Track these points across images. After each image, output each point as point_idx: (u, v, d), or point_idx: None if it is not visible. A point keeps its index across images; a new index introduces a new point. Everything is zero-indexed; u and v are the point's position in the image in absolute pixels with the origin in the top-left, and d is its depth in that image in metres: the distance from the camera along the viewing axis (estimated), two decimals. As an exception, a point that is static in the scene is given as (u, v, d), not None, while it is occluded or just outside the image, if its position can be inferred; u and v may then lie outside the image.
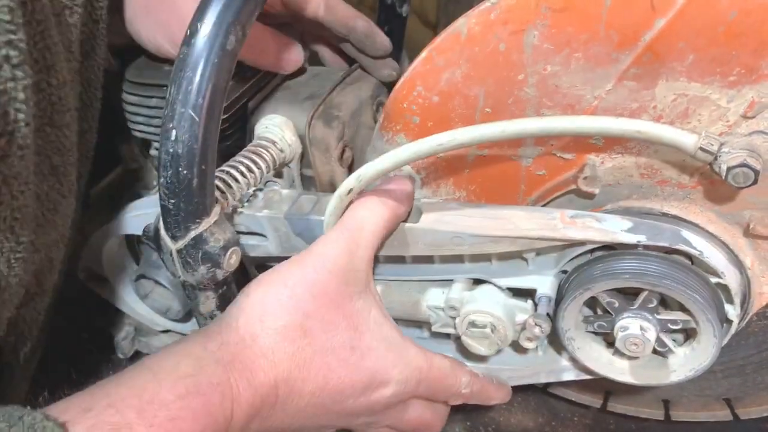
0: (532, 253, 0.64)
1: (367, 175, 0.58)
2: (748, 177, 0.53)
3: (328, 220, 0.61)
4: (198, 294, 0.62)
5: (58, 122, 0.58)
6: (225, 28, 0.52)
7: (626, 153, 0.62)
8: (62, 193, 0.61)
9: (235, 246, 0.59)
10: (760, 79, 0.54)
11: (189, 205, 0.55)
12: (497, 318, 0.65)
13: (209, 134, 0.54)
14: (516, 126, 0.54)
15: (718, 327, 0.59)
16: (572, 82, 0.59)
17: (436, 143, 0.55)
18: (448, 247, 0.63)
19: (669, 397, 0.83)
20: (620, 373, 0.67)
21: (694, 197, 0.62)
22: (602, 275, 0.61)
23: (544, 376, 0.73)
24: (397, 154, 0.57)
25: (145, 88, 0.76)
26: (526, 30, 0.58)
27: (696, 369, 0.63)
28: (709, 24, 0.53)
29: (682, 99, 0.57)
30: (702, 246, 0.59)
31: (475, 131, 0.55)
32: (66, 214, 0.62)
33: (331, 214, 0.61)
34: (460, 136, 0.55)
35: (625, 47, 0.56)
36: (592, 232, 0.60)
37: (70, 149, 0.60)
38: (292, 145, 0.71)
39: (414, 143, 0.56)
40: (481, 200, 0.71)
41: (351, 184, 0.59)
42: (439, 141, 0.55)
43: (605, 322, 0.64)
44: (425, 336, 0.78)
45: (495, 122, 0.54)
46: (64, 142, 0.59)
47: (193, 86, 0.52)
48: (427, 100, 0.65)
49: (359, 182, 0.58)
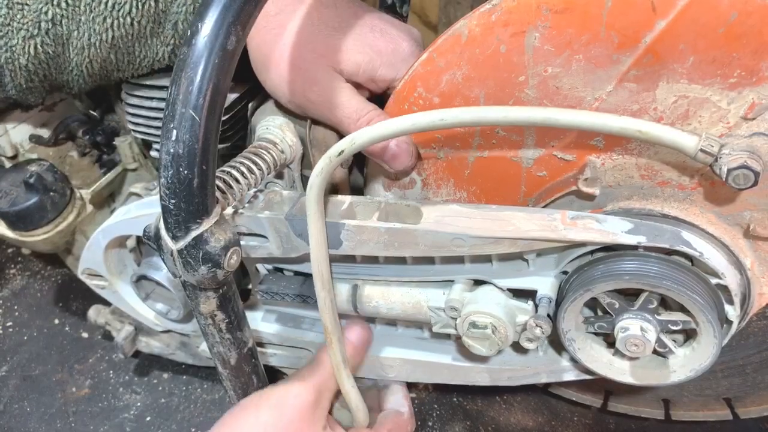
0: (533, 254, 0.64)
1: (361, 140, 0.58)
2: (748, 179, 0.53)
3: (314, 180, 0.61)
4: (198, 294, 0.62)
5: None
6: (226, 29, 0.52)
7: (627, 154, 0.62)
8: None
9: (235, 246, 0.59)
10: (760, 81, 0.54)
11: (190, 206, 0.55)
12: (498, 319, 0.65)
13: (210, 134, 0.54)
14: (519, 112, 0.54)
15: (718, 328, 0.59)
16: (573, 84, 0.59)
17: (438, 117, 0.55)
18: (448, 248, 0.63)
19: (669, 396, 0.84)
20: (620, 373, 0.67)
21: (695, 198, 0.62)
22: (603, 276, 0.61)
23: (545, 376, 0.73)
24: (395, 123, 0.56)
25: (145, 89, 0.76)
26: (526, 32, 0.58)
27: (696, 369, 0.63)
28: (709, 25, 0.53)
29: (682, 101, 0.57)
30: (702, 247, 0.60)
31: (477, 112, 0.54)
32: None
33: (317, 174, 0.60)
34: (462, 114, 0.55)
35: (626, 49, 0.56)
36: (592, 233, 0.60)
37: None
38: (293, 146, 0.71)
39: (413, 114, 0.56)
40: (482, 201, 0.71)
41: (343, 146, 0.58)
42: (441, 116, 0.55)
43: (606, 323, 0.65)
44: (426, 336, 0.78)
45: (498, 106, 0.54)
46: None
47: (194, 86, 0.52)
48: (427, 101, 0.65)
49: (352, 145, 0.58)
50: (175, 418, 1.01)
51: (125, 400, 1.04)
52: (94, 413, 1.01)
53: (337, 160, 0.59)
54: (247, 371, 0.70)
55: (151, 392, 1.05)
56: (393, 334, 0.80)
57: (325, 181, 0.61)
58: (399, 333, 0.80)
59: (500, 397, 1.00)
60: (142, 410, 1.02)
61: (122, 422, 1.00)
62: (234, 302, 0.65)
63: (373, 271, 0.72)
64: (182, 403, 1.03)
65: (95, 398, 1.04)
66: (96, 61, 0.69)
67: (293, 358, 0.84)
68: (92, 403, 1.03)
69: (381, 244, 0.65)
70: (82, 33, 0.66)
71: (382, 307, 0.72)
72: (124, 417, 1.01)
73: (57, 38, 0.66)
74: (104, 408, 1.02)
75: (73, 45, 0.67)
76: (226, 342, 0.66)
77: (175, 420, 1.00)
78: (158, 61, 0.72)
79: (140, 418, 1.01)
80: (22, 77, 0.69)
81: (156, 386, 1.06)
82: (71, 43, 0.67)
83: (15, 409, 1.02)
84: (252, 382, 0.71)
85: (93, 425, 0.99)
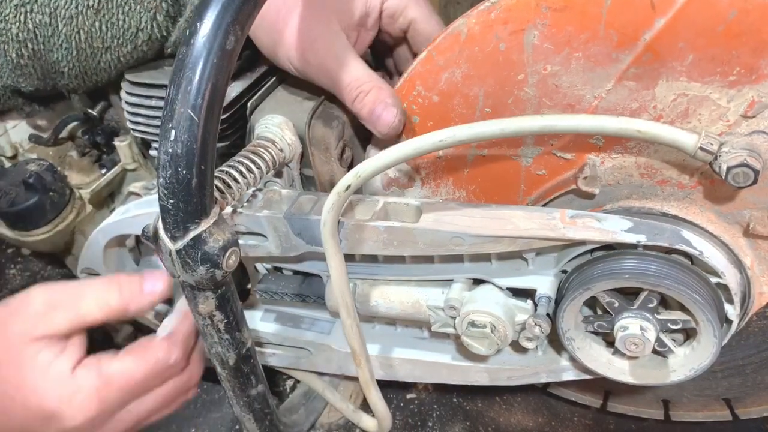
0: (532, 252, 0.64)
1: (366, 172, 0.58)
2: (748, 177, 0.53)
3: (326, 217, 0.61)
4: (197, 294, 0.62)
5: None
6: (224, 28, 0.52)
7: (626, 153, 0.62)
8: None
9: (234, 246, 0.59)
10: (760, 79, 0.54)
11: (188, 206, 0.55)
12: (497, 318, 0.65)
13: (208, 134, 0.54)
14: (515, 124, 0.54)
15: (718, 327, 0.59)
16: (572, 82, 0.59)
17: (437, 140, 0.55)
18: (447, 247, 0.63)
19: (669, 397, 0.83)
20: (620, 373, 0.67)
21: (694, 197, 0.62)
22: (602, 275, 0.61)
23: (544, 376, 0.73)
24: (396, 151, 0.57)
25: (145, 88, 0.76)
26: (526, 30, 0.58)
27: (696, 369, 0.63)
28: (709, 23, 0.53)
29: (682, 99, 0.57)
30: (702, 246, 0.59)
31: (474, 128, 0.54)
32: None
33: (328, 211, 0.61)
34: (459, 133, 0.55)
35: (625, 47, 0.56)
36: (592, 232, 0.60)
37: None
38: (292, 144, 0.71)
39: (414, 140, 0.56)
40: (481, 200, 0.71)
41: (349, 181, 0.58)
42: (440, 137, 0.55)
43: (605, 322, 0.64)
44: (425, 336, 0.78)
45: (494, 120, 0.54)
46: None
47: (193, 86, 0.52)
48: (427, 99, 0.65)
49: (357, 179, 0.58)
50: (175, 418, 1.00)
51: (125, 400, 1.03)
52: (94, 413, 1.01)
53: (345, 195, 0.59)
54: (245, 371, 0.69)
55: (150, 392, 1.05)
56: (392, 333, 0.80)
57: (337, 216, 0.61)
58: (398, 332, 0.80)
59: (500, 398, 1.00)
60: (142, 410, 1.02)
61: (122, 422, 1.00)
62: (233, 303, 0.65)
63: (373, 270, 0.72)
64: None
65: (95, 398, 1.04)
66: (83, 30, 0.72)
67: (292, 358, 0.84)
68: (91, 403, 1.03)
69: (380, 243, 0.65)
70: (70, 2, 0.70)
71: (381, 307, 0.72)
72: (124, 417, 1.00)
73: (45, 6, 0.70)
74: (103, 408, 1.02)
75: (62, 15, 0.70)
76: (225, 342, 0.66)
77: (175, 420, 1.00)
78: (142, 30, 0.74)
79: (140, 418, 1.00)
80: (13, 50, 0.72)
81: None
82: (59, 13, 0.70)
83: (14, 409, 1.02)
84: (251, 383, 0.71)
85: (92, 425, 0.99)
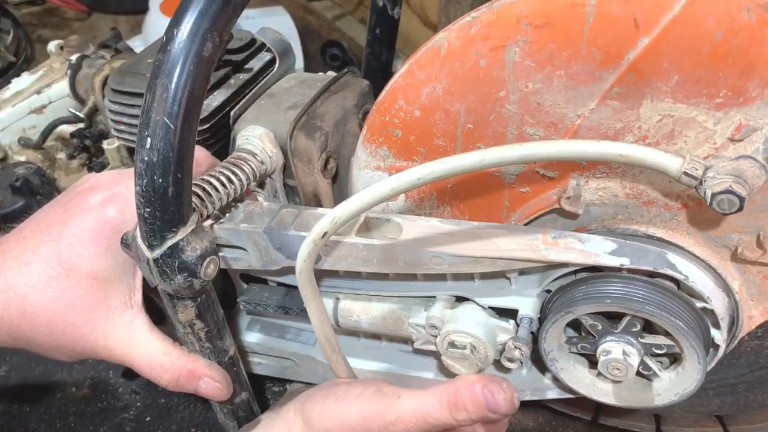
0: (515, 272, 0.62)
1: (342, 217, 0.55)
2: (732, 204, 0.50)
3: (301, 265, 0.58)
4: (176, 303, 0.61)
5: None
6: (201, 34, 0.50)
7: (611, 173, 0.60)
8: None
9: (212, 255, 0.58)
10: (747, 102, 0.51)
11: (165, 214, 0.54)
12: (477, 339, 0.63)
13: (185, 143, 0.53)
14: (494, 154, 0.51)
15: (703, 354, 0.58)
16: (555, 100, 0.57)
17: (414, 178, 0.52)
18: (427, 266, 0.61)
19: (660, 411, 0.82)
20: (604, 394, 0.65)
21: (681, 219, 0.60)
22: (584, 298, 0.59)
23: (528, 393, 0.72)
24: (373, 192, 0.54)
25: (127, 97, 0.75)
26: (506, 46, 0.56)
27: (681, 394, 0.62)
28: (694, 44, 0.50)
29: (667, 120, 0.55)
30: (688, 270, 0.57)
31: (453, 162, 0.52)
32: None
33: (304, 259, 0.58)
34: (437, 169, 0.52)
35: (608, 66, 0.54)
36: (574, 254, 0.58)
37: None
38: (273, 156, 0.70)
39: (391, 179, 0.53)
40: (465, 216, 0.69)
41: (325, 227, 0.56)
42: (417, 175, 0.52)
43: (588, 344, 0.63)
44: (409, 351, 0.77)
45: (473, 152, 0.51)
46: None
47: (169, 93, 0.50)
48: (408, 114, 0.63)
49: (334, 224, 0.56)
50: (175, 418, 1.01)
51: (125, 400, 1.04)
52: (94, 413, 1.02)
53: (321, 242, 0.56)
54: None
55: (150, 392, 1.05)
56: (377, 347, 0.79)
57: (312, 264, 0.58)
58: (383, 346, 0.79)
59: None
60: (142, 410, 1.02)
61: (122, 422, 1.00)
62: (213, 311, 0.64)
63: (355, 285, 0.71)
64: (182, 403, 1.03)
65: (95, 398, 1.04)
66: None
67: (278, 368, 0.84)
68: (92, 403, 1.03)
69: (359, 260, 0.63)
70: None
71: (363, 322, 0.71)
72: (124, 417, 1.01)
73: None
74: (104, 408, 1.03)
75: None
76: (206, 351, 0.66)
77: (175, 420, 1.00)
78: None
79: (140, 418, 1.01)
80: None
81: (156, 386, 1.05)
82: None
83: (15, 409, 1.03)
84: (235, 390, 0.70)
85: (93, 425, 1.00)
